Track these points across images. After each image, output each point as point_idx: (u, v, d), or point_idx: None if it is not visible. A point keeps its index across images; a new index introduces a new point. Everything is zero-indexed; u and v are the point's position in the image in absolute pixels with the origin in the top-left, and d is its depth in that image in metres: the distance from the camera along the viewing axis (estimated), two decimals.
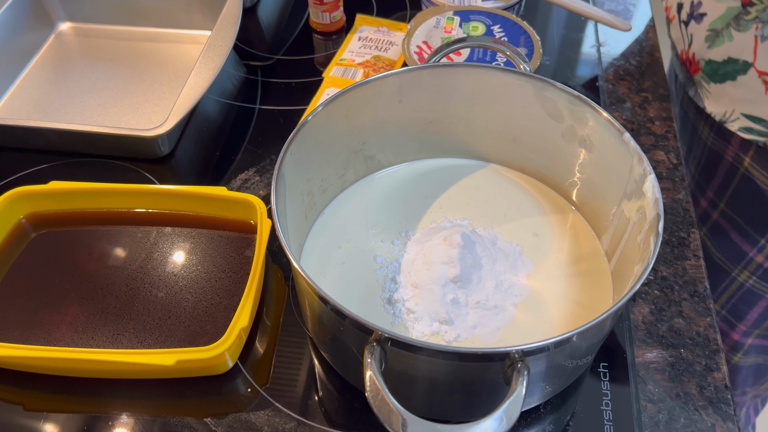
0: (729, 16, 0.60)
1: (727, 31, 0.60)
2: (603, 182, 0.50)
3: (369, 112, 0.52)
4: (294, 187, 0.48)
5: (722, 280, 0.74)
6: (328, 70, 0.71)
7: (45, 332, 0.49)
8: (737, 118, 0.63)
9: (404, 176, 0.58)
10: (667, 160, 0.61)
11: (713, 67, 0.63)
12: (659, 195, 0.42)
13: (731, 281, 0.73)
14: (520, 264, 0.51)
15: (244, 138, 0.65)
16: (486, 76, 0.51)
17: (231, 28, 0.67)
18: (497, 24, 0.66)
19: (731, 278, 0.73)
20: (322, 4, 0.73)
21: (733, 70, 0.61)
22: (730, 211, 0.70)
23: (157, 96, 0.69)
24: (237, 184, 0.61)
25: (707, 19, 0.62)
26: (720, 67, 0.62)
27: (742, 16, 0.58)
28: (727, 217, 0.71)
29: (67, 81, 0.71)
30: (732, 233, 0.71)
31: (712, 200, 0.72)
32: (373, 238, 0.53)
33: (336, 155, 0.53)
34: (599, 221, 0.52)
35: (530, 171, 0.57)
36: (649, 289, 0.52)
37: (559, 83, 0.49)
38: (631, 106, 0.66)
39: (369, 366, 0.36)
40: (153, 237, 0.54)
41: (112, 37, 0.76)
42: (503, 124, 0.54)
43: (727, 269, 0.73)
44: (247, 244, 0.53)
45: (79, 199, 0.55)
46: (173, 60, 0.73)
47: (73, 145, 0.63)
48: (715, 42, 0.62)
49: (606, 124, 0.47)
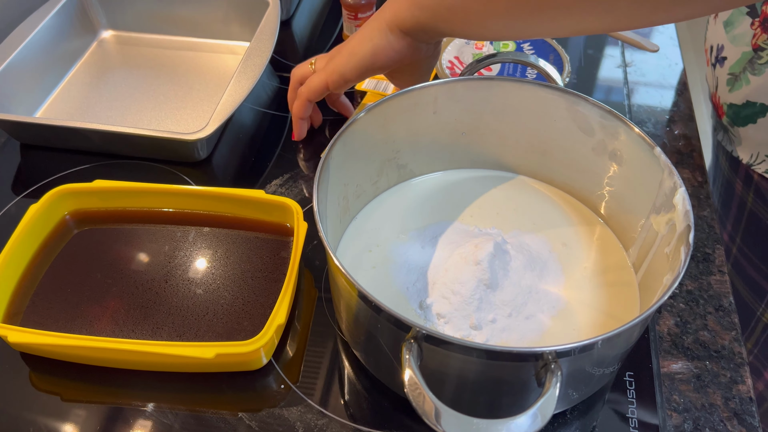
0: (744, 60, 0.60)
1: (744, 75, 0.61)
2: (632, 196, 0.51)
3: (405, 122, 0.54)
4: (332, 191, 0.49)
5: (749, 321, 0.72)
6: (361, 83, 0.73)
7: (86, 324, 0.50)
8: (762, 160, 0.63)
9: (435, 185, 0.59)
10: (692, 178, 0.63)
11: (735, 111, 0.63)
12: (689, 207, 0.43)
13: (757, 321, 0.71)
14: (549, 273, 0.52)
15: (277, 145, 0.67)
16: (519, 89, 0.53)
17: (269, 40, 0.70)
18: (526, 42, 0.68)
19: (757, 318, 0.71)
20: (357, 18, 0.76)
21: (753, 113, 0.61)
22: (744, 246, 0.70)
23: (194, 103, 0.71)
24: (271, 189, 0.63)
25: (727, 63, 0.63)
26: (740, 111, 0.63)
27: (755, 60, 0.59)
28: (743, 253, 0.70)
29: (109, 86, 0.73)
30: (749, 269, 0.70)
31: (731, 235, 0.71)
32: (403, 243, 0.54)
33: (371, 162, 0.55)
34: (626, 234, 0.53)
35: (559, 183, 0.58)
36: (675, 302, 0.53)
37: (591, 98, 0.51)
38: (655, 125, 0.68)
39: (407, 362, 0.37)
40: (192, 236, 0.56)
41: (152, 46, 0.79)
42: (534, 137, 0.56)
43: (753, 308, 0.71)
44: (283, 246, 0.55)
45: (122, 198, 0.57)
46: (210, 69, 0.76)
47: (114, 147, 0.65)
48: (734, 86, 0.62)
49: (637, 139, 0.49)
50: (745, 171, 0.65)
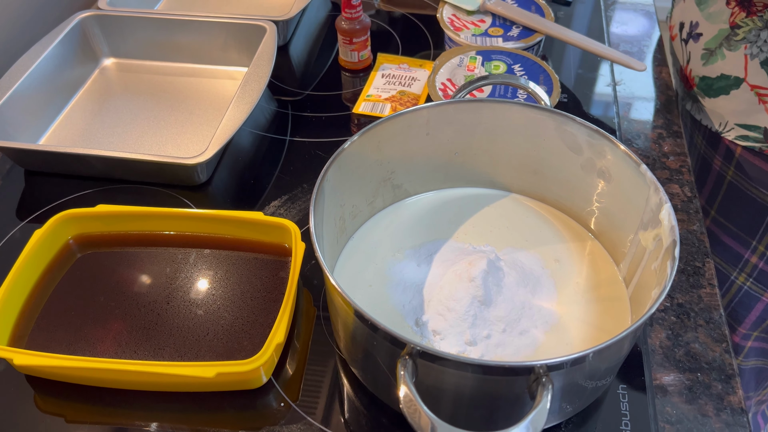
0: (721, 37, 0.65)
1: (720, 50, 0.66)
2: (620, 211, 0.53)
3: (398, 144, 0.56)
4: (328, 212, 0.51)
5: (722, 284, 0.79)
6: (357, 106, 0.75)
7: (90, 346, 0.52)
8: (732, 128, 0.69)
9: (430, 204, 0.61)
10: (681, 193, 0.64)
11: (708, 83, 0.69)
12: (675, 222, 0.44)
13: (731, 285, 0.78)
14: (541, 288, 0.53)
15: (275, 167, 0.69)
16: (509, 111, 0.55)
17: (266, 66, 0.71)
18: (518, 63, 0.70)
19: (730, 281, 0.77)
20: (352, 43, 0.78)
21: (726, 85, 0.67)
22: (720, 217, 0.75)
23: (194, 127, 0.73)
24: (270, 210, 0.64)
25: (703, 39, 0.68)
26: (714, 83, 0.68)
27: (731, 37, 0.64)
28: (718, 223, 0.76)
29: (111, 112, 0.75)
30: (725, 237, 0.75)
31: (704, 208, 0.77)
32: (399, 262, 0.55)
33: (367, 183, 0.56)
34: (617, 249, 0.54)
35: (550, 200, 0.60)
36: (666, 315, 0.54)
37: (579, 118, 0.52)
38: (645, 141, 0.69)
39: (403, 378, 0.38)
40: (192, 258, 0.57)
41: (152, 72, 0.81)
42: (525, 156, 0.57)
43: (727, 273, 0.77)
44: (281, 266, 0.56)
45: (124, 222, 0.58)
46: (209, 94, 0.78)
47: (116, 172, 0.66)
48: (709, 60, 0.67)
49: (624, 157, 0.50)
50: (726, 147, 0.70)
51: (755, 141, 0.67)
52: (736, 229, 0.74)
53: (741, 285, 0.77)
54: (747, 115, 0.66)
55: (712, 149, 0.73)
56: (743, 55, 0.64)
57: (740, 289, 0.77)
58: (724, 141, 0.70)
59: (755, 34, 0.62)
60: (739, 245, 0.75)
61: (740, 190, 0.72)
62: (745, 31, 0.63)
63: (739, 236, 0.74)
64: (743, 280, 0.76)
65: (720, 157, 0.72)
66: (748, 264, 0.75)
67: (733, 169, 0.71)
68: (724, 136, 0.70)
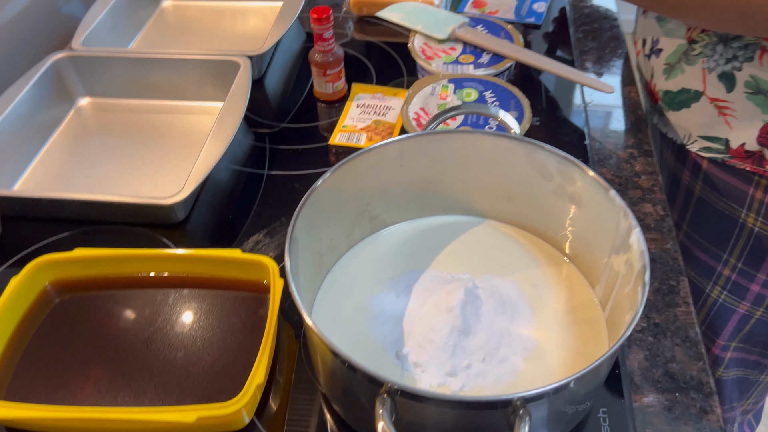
0: (680, 52, 0.67)
1: (680, 64, 0.68)
2: (593, 236, 0.53)
3: (373, 176, 0.56)
4: (305, 249, 0.51)
5: (698, 297, 0.80)
6: (334, 137, 0.75)
7: (70, 394, 0.51)
8: (695, 140, 0.70)
9: (407, 234, 0.61)
10: (654, 212, 0.65)
11: (671, 97, 0.70)
12: (645, 247, 0.45)
13: (706, 298, 0.79)
14: (520, 315, 0.54)
15: (254, 202, 0.69)
16: (480, 141, 0.56)
17: (241, 101, 0.72)
18: (489, 90, 0.71)
19: (706, 294, 0.79)
20: (326, 75, 0.78)
21: (687, 99, 0.69)
22: (692, 232, 0.77)
23: (171, 165, 0.73)
24: (249, 246, 0.64)
25: (664, 54, 0.70)
26: (676, 96, 0.70)
27: (689, 51, 0.66)
28: (690, 237, 0.77)
29: (88, 153, 0.75)
30: (697, 251, 0.77)
31: (677, 222, 0.78)
32: (378, 294, 0.56)
33: (343, 216, 0.57)
34: (592, 272, 0.55)
35: (525, 225, 0.60)
36: (643, 335, 0.55)
37: (548, 145, 0.53)
38: (617, 161, 0.70)
39: (381, 417, 0.39)
40: (171, 299, 0.57)
41: (128, 111, 0.81)
42: (498, 184, 0.58)
43: (702, 286, 0.79)
44: (261, 304, 0.56)
45: (101, 265, 0.58)
46: (186, 130, 0.78)
47: (94, 214, 0.66)
48: (670, 74, 0.69)
49: (593, 182, 0.51)
50: (693, 161, 0.72)
51: (717, 152, 0.69)
52: (707, 242, 0.76)
53: (716, 298, 0.78)
54: (709, 128, 0.68)
55: (681, 164, 0.75)
56: (701, 69, 0.66)
57: (716, 301, 0.78)
58: (690, 155, 0.72)
59: (711, 48, 0.64)
60: (711, 258, 0.76)
61: (708, 204, 0.73)
62: (702, 46, 0.65)
63: (710, 250, 0.76)
64: (718, 293, 0.77)
65: (688, 171, 0.74)
66: (721, 277, 0.76)
67: (701, 183, 0.73)
68: (689, 149, 0.71)
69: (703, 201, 0.74)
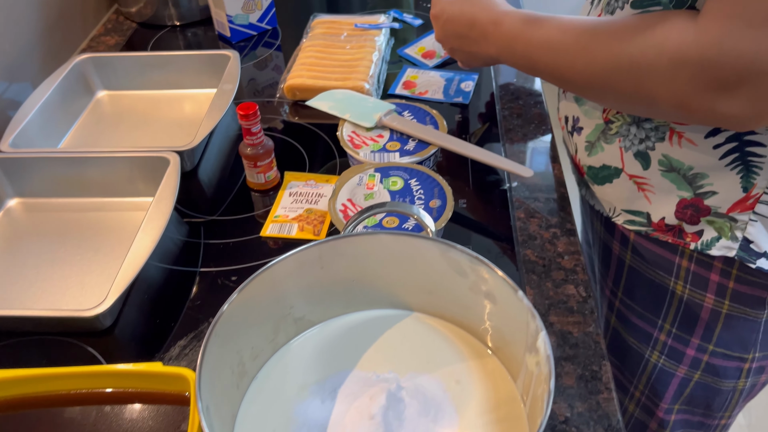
0: (598, 131, 0.70)
1: (599, 143, 0.71)
2: (510, 332, 0.54)
3: (293, 280, 0.57)
4: (223, 363, 0.51)
5: (638, 362, 0.81)
6: (265, 229, 0.76)
7: None
8: (620, 213, 0.73)
9: (334, 332, 0.61)
10: (577, 294, 0.67)
11: (594, 172, 0.73)
12: (550, 352, 0.46)
13: (646, 363, 0.81)
14: (443, 416, 0.54)
15: (184, 303, 0.69)
16: (395, 242, 0.57)
17: (169, 198, 0.72)
18: (414, 178, 0.73)
19: (645, 360, 0.80)
20: (256, 166, 0.80)
21: (608, 174, 0.71)
22: (627, 299, 0.79)
23: (100, 266, 0.73)
24: (176, 351, 0.63)
25: (584, 132, 0.73)
26: (599, 172, 0.72)
27: (607, 131, 0.69)
28: (626, 304, 0.80)
29: (15, 258, 0.74)
30: (634, 318, 0.79)
31: (613, 290, 0.81)
32: (303, 401, 0.55)
33: (265, 323, 0.57)
34: (513, 365, 0.56)
35: (449, 318, 0.61)
36: (567, 427, 0.56)
37: (459, 245, 0.54)
38: (541, 242, 0.72)
39: None
40: (93, 417, 0.56)
41: (59, 210, 0.81)
42: (418, 280, 0.59)
43: (641, 351, 0.80)
44: (184, 417, 0.56)
45: (18, 385, 0.57)
46: (118, 228, 0.78)
47: (18, 327, 0.65)
48: (591, 151, 0.72)
49: (502, 282, 0.52)
50: (621, 233, 0.75)
51: (641, 225, 0.71)
52: (641, 309, 0.78)
53: (655, 362, 0.79)
54: (630, 202, 0.71)
55: (610, 234, 0.77)
56: (619, 148, 0.68)
57: (655, 366, 0.80)
58: (618, 226, 0.74)
59: (626, 129, 0.67)
60: (647, 324, 0.78)
61: (639, 273, 0.75)
62: (618, 126, 0.68)
63: (645, 316, 0.78)
64: (656, 358, 0.79)
65: (618, 242, 0.76)
66: (658, 342, 0.78)
67: (630, 254, 0.75)
68: (615, 221, 0.74)
69: (634, 270, 0.76)
